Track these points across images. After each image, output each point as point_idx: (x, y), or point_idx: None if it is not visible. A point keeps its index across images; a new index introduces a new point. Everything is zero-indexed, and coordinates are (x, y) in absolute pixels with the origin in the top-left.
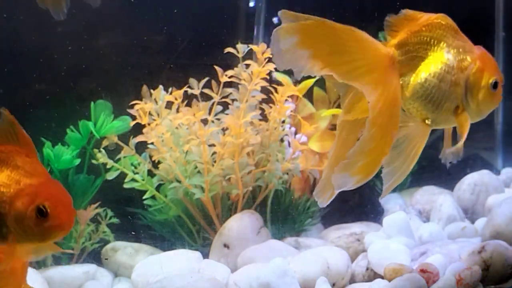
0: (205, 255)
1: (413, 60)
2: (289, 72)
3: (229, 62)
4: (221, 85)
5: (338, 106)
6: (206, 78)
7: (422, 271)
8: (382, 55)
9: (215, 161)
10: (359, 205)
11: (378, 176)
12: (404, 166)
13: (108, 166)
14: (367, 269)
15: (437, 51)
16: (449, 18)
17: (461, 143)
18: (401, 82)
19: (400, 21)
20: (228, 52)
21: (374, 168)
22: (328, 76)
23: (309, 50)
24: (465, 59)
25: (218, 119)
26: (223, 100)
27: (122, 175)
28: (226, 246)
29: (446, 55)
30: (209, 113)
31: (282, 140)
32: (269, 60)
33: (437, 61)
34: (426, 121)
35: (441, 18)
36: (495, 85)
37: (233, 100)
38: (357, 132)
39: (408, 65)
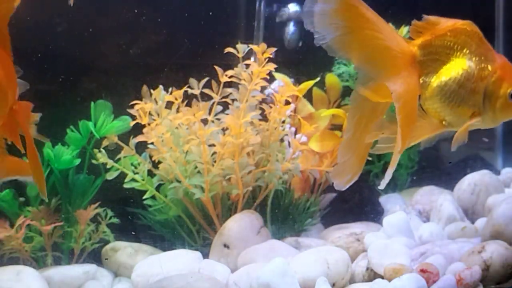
0: (205, 255)
1: (435, 62)
2: (288, 73)
3: (229, 62)
4: (221, 85)
5: (338, 106)
6: (206, 78)
7: (422, 271)
8: (405, 52)
9: (215, 161)
10: (359, 205)
11: (378, 176)
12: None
13: (108, 166)
14: (367, 269)
15: (459, 57)
16: (475, 25)
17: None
18: (421, 82)
19: (424, 25)
20: (228, 52)
21: (396, 159)
22: None
23: (342, 22)
24: (486, 67)
25: (218, 119)
26: (223, 100)
27: (122, 175)
28: (226, 246)
29: (468, 62)
30: (209, 113)
31: (282, 140)
32: (269, 60)
33: (458, 67)
34: (443, 122)
35: (467, 25)
36: None
37: (233, 100)
38: (373, 118)
39: (430, 67)
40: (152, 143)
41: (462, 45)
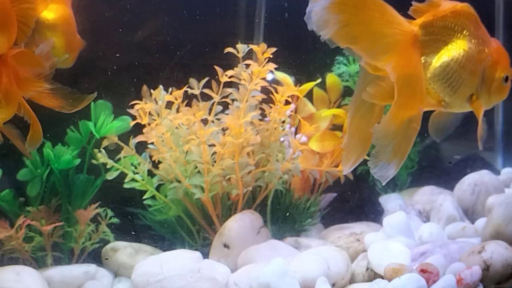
0: (205, 255)
1: (437, 42)
2: (289, 73)
3: (229, 62)
4: (221, 85)
5: (339, 106)
6: (206, 78)
7: (422, 271)
8: (406, 32)
9: (215, 161)
10: (359, 205)
11: None
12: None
13: (108, 166)
14: (367, 269)
15: (460, 38)
16: (472, 8)
17: (481, 125)
18: (423, 61)
19: (425, 7)
20: (228, 52)
21: (406, 148)
22: None
23: (338, 16)
24: (484, 50)
25: (218, 119)
26: (223, 100)
27: (122, 175)
28: (226, 246)
29: (468, 44)
30: (209, 113)
31: (282, 140)
32: (269, 60)
33: (459, 48)
34: (442, 103)
35: (465, 7)
36: (506, 79)
37: (233, 100)
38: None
39: (431, 47)
40: (152, 143)
41: (462, 27)
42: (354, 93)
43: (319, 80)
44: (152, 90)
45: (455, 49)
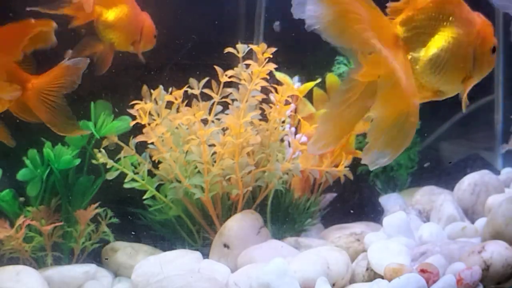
0: (205, 255)
1: (422, 36)
2: (289, 73)
3: (229, 62)
4: (221, 85)
5: None
6: (206, 78)
7: (422, 271)
8: (385, 33)
9: (215, 161)
10: (359, 205)
11: (378, 176)
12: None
13: (108, 166)
14: (367, 269)
15: (446, 26)
16: None
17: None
18: (410, 57)
19: (402, 4)
20: (228, 52)
21: (403, 141)
22: None
23: (325, 10)
24: (472, 31)
25: (218, 119)
26: (223, 100)
27: (122, 175)
28: (226, 246)
29: (456, 30)
30: (209, 113)
31: (282, 140)
32: (269, 60)
33: (447, 36)
34: (438, 94)
35: None
36: (493, 50)
37: (233, 100)
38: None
39: (417, 41)
40: (152, 143)
41: (447, 14)
42: (341, 86)
43: (318, 80)
44: (152, 90)
45: (443, 39)
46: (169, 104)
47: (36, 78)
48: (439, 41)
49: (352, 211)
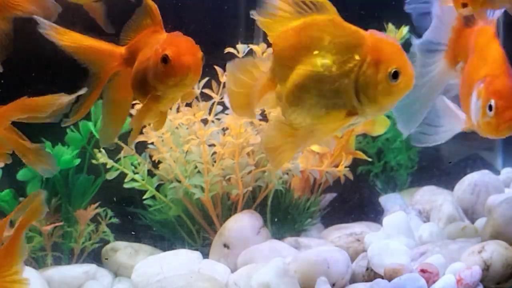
0: (205, 255)
1: (285, 69)
2: None
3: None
4: (221, 85)
5: None
6: (206, 78)
7: (422, 271)
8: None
9: (215, 161)
10: (359, 205)
11: (378, 176)
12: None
13: (108, 166)
14: (367, 269)
15: (310, 58)
16: (330, 13)
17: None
18: (277, 92)
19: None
20: (228, 52)
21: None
22: None
23: None
24: (351, 59)
25: (218, 119)
26: (223, 100)
27: (122, 175)
28: (226, 246)
29: (322, 61)
30: (209, 113)
31: None
32: None
33: (308, 70)
34: (314, 131)
35: (320, 13)
36: (395, 75)
37: None
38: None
39: (281, 74)
40: (152, 143)
41: (311, 43)
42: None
43: None
44: None
45: (304, 74)
46: None
47: None
48: (299, 76)
49: (352, 211)
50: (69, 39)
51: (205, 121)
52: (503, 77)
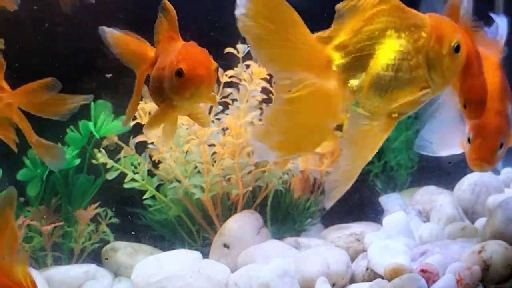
0: (205, 255)
1: (360, 60)
2: None
3: (229, 62)
4: (221, 85)
5: None
6: None
7: (422, 271)
8: (318, 57)
9: (215, 161)
10: (359, 205)
11: (378, 176)
12: (361, 161)
13: (108, 166)
14: (367, 269)
15: (385, 42)
16: None
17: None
18: (352, 85)
19: (332, 31)
20: (228, 52)
21: (293, 149)
22: None
23: (253, 29)
24: (420, 36)
25: (218, 119)
26: (223, 100)
27: (122, 175)
28: (226, 246)
29: (398, 42)
30: (209, 113)
31: None
32: None
33: (388, 53)
34: (393, 115)
35: (383, 4)
36: (457, 48)
37: (233, 100)
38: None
39: (356, 67)
40: (152, 143)
41: (385, 28)
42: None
43: None
44: None
45: (383, 57)
46: None
47: None
48: (379, 61)
49: (352, 211)
50: (120, 44)
51: None
52: (488, 113)
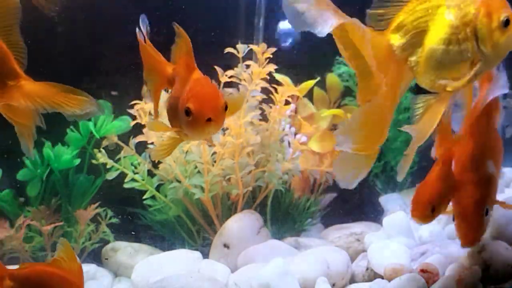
0: (205, 255)
1: (416, 37)
2: (289, 73)
3: (229, 62)
4: (221, 85)
5: (339, 106)
6: None
7: (422, 271)
8: (380, 47)
9: (215, 161)
10: (359, 205)
11: (378, 176)
12: (424, 133)
13: (108, 166)
14: (367, 269)
15: (437, 18)
16: None
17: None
18: (411, 62)
19: (383, 12)
20: (228, 52)
21: (373, 142)
22: None
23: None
24: (468, 12)
25: None
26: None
27: (122, 175)
28: (226, 246)
29: (447, 17)
30: None
31: (282, 140)
32: (270, 60)
33: (439, 28)
34: (447, 89)
35: None
36: (506, 23)
37: None
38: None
39: (413, 44)
40: (152, 143)
41: (436, 5)
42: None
43: (318, 79)
44: None
45: (435, 32)
46: None
47: None
48: (432, 37)
49: (352, 211)
50: (143, 52)
51: None
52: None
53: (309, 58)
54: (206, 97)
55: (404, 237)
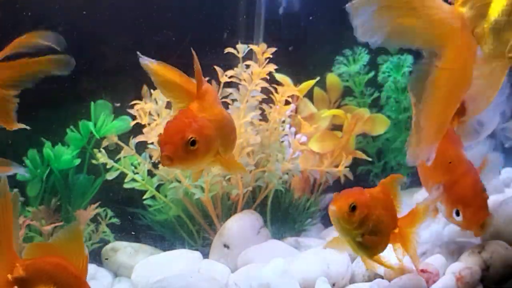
0: (205, 255)
1: (481, 9)
2: (289, 73)
3: (229, 62)
4: (221, 85)
5: (339, 106)
6: (206, 78)
7: (422, 271)
8: (450, 21)
9: None
10: None
11: (378, 176)
12: (486, 101)
13: (108, 166)
14: (367, 269)
15: None
16: None
17: None
18: (476, 32)
19: None
20: (228, 52)
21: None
22: None
23: (387, 18)
24: None
25: None
26: (223, 100)
27: (122, 175)
28: (226, 246)
29: None
30: None
31: (282, 140)
32: (270, 60)
33: (501, 0)
34: (509, 55)
35: None
36: None
37: (233, 100)
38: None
39: (479, 15)
40: (152, 143)
41: None
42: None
43: (317, 79)
44: (152, 90)
45: (497, 3)
46: (169, 104)
47: None
48: (495, 8)
49: None
50: (161, 75)
51: None
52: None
53: (309, 58)
54: (171, 132)
55: None
